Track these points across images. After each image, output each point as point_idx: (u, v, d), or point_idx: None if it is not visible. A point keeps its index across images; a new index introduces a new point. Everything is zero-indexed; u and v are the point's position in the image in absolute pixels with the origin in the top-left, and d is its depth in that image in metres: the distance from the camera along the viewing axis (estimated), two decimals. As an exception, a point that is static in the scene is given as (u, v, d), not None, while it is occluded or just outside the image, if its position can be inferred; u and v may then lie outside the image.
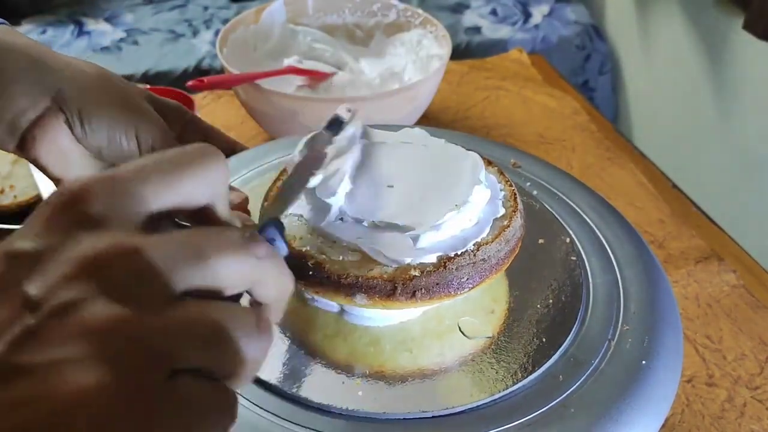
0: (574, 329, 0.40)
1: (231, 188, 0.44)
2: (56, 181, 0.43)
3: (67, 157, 0.42)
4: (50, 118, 0.40)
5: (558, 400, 0.36)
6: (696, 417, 0.52)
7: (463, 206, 0.38)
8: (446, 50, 0.80)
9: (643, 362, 0.38)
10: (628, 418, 0.36)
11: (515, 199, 0.42)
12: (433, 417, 0.36)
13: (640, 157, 0.86)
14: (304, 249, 0.38)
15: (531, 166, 0.54)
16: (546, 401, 0.36)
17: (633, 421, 0.36)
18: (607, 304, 0.42)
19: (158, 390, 0.20)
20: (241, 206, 0.43)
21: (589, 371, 0.38)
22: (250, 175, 0.51)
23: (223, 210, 0.26)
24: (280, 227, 0.27)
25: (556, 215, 0.49)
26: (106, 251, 0.21)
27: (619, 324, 0.41)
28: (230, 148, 0.49)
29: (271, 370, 0.37)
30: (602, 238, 0.47)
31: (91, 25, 1.59)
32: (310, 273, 0.37)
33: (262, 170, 0.51)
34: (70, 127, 0.41)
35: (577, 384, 0.37)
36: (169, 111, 0.48)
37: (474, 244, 0.38)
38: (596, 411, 0.36)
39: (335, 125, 0.38)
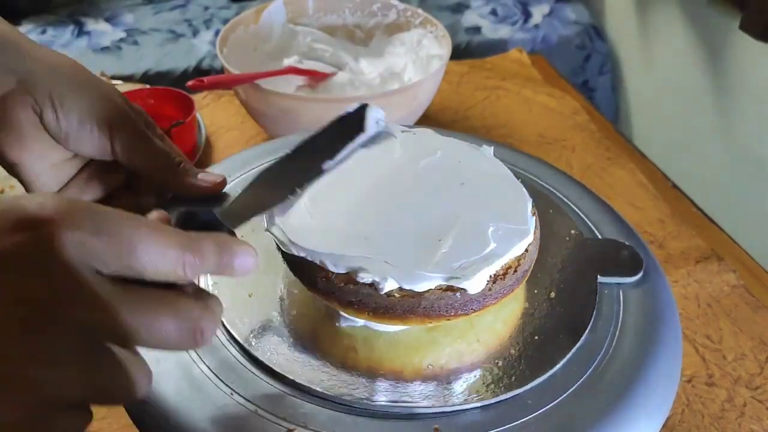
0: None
1: (206, 173, 0.43)
2: (11, 166, 0.41)
3: (26, 142, 0.41)
4: (14, 100, 0.39)
5: (558, 400, 0.36)
6: (696, 417, 0.52)
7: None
8: (446, 50, 0.80)
9: (643, 362, 0.38)
10: (628, 418, 0.36)
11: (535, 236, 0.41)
12: (441, 413, 0.36)
13: (640, 157, 0.85)
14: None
15: (531, 166, 0.54)
16: (546, 401, 0.36)
17: (633, 421, 0.36)
18: (607, 305, 0.42)
19: None
20: (218, 187, 0.42)
21: (588, 371, 0.38)
22: (254, 173, 0.51)
23: None
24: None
25: (564, 215, 0.49)
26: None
27: (619, 324, 0.41)
28: (178, 158, 0.47)
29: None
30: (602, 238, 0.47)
31: (91, 25, 1.59)
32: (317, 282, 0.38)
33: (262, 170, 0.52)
34: (40, 112, 0.40)
35: (576, 384, 0.37)
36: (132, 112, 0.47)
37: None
38: (596, 411, 0.36)
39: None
